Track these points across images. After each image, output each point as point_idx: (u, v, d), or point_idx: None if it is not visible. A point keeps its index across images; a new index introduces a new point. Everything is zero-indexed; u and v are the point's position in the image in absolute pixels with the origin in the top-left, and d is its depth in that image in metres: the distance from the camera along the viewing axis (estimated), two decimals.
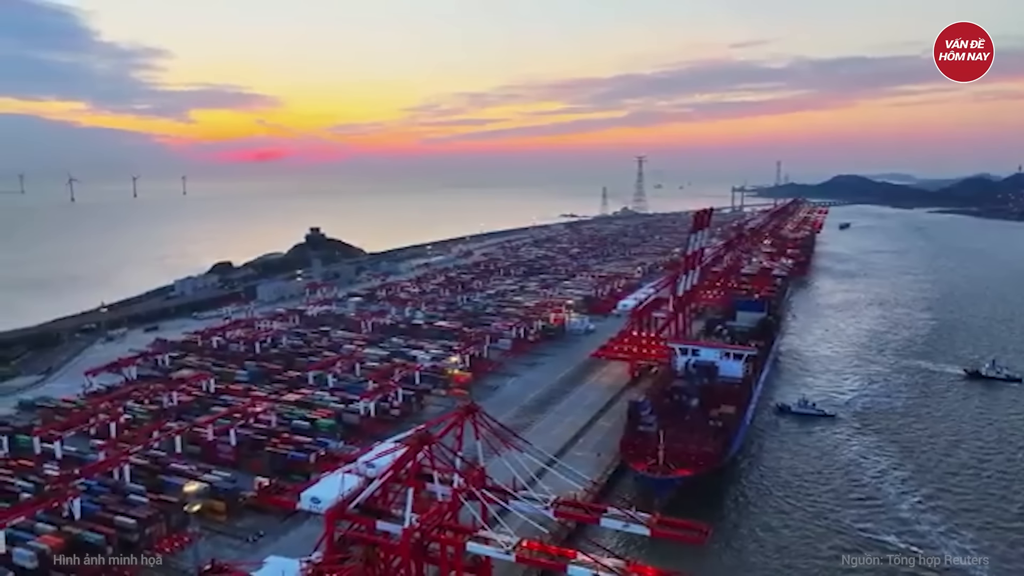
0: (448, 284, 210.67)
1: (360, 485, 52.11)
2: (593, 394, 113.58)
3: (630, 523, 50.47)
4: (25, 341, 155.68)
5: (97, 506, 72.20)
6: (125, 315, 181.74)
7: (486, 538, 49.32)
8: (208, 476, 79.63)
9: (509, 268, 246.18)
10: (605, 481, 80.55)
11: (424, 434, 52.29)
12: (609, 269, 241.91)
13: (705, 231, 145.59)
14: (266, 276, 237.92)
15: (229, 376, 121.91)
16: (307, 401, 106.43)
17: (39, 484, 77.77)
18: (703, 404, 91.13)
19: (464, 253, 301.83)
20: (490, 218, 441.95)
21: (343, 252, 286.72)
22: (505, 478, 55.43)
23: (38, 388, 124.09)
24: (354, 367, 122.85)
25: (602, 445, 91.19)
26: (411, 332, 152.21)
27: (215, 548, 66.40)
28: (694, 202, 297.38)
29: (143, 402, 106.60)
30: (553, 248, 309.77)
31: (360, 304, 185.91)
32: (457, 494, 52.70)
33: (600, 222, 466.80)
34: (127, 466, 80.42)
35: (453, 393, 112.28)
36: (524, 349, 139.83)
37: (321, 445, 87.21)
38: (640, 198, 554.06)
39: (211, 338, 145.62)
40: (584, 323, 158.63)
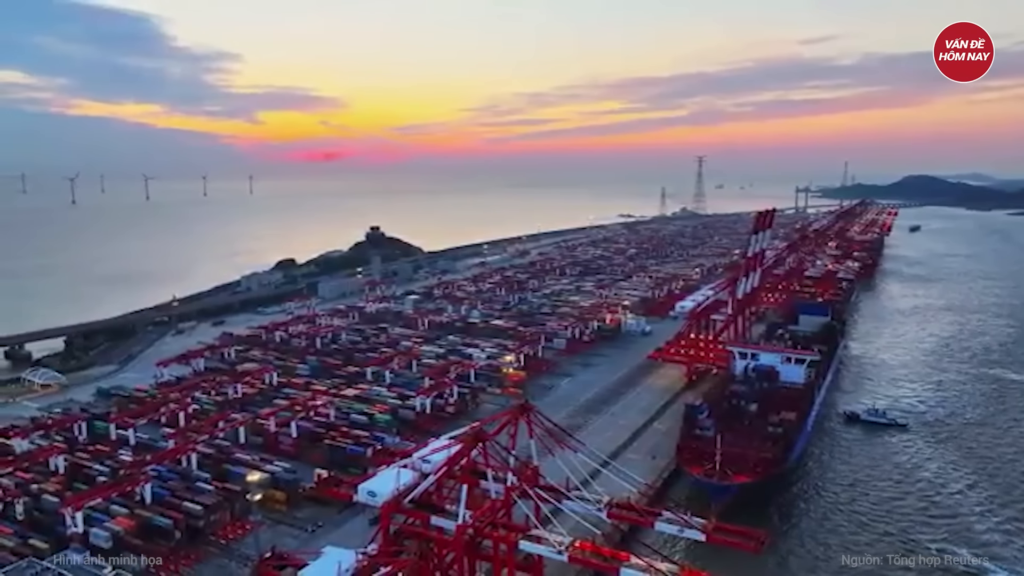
0: (504, 283, 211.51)
1: (415, 480, 52.87)
2: (648, 396, 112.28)
3: (685, 528, 49.71)
4: (103, 332, 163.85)
5: (166, 491, 75.40)
6: (194, 309, 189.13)
7: (538, 537, 49.38)
8: (270, 466, 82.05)
9: (565, 268, 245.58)
10: (660, 485, 79.49)
11: (478, 431, 52.70)
12: (667, 270, 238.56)
13: (767, 232, 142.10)
14: (327, 273, 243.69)
15: (291, 370, 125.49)
16: (365, 396, 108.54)
17: (114, 468, 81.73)
18: (762, 409, 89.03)
19: (520, 252, 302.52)
20: (547, 218, 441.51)
21: (402, 250, 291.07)
22: (558, 478, 55.34)
23: (114, 377, 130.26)
24: (411, 364, 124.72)
25: (657, 448, 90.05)
26: (467, 330, 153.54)
27: (275, 536, 68.38)
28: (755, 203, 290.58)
29: (210, 393, 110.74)
30: (610, 248, 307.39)
31: (417, 302, 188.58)
32: (510, 492, 52.90)
33: (658, 222, 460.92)
34: (194, 454, 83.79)
35: (507, 392, 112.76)
36: (579, 349, 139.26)
37: (378, 440, 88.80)
38: (699, 198, 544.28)
39: (274, 333, 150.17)
40: (640, 324, 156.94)
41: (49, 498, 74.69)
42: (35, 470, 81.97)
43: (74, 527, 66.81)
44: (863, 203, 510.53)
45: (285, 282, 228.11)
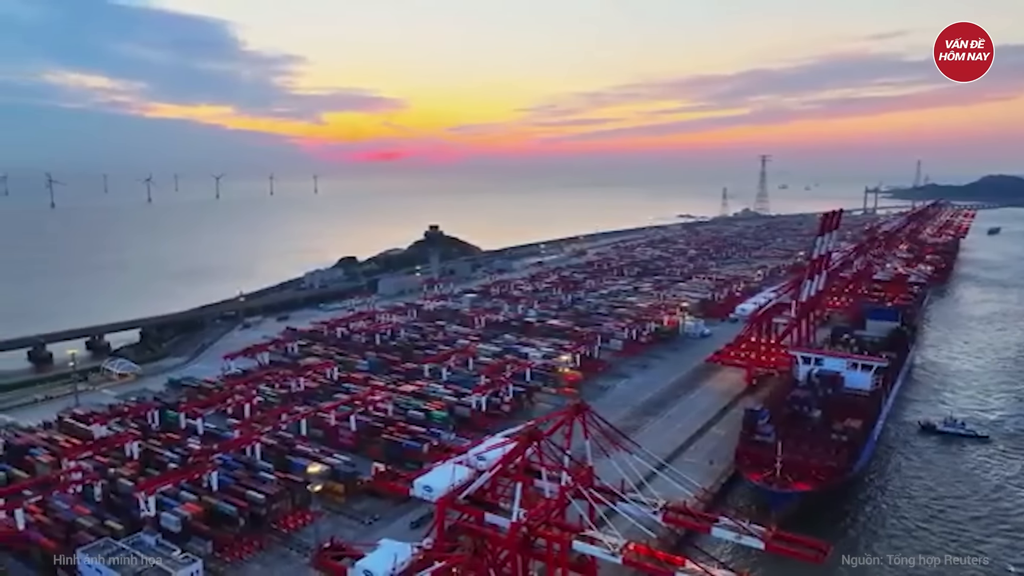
0: (561, 283, 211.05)
1: (470, 477, 53.30)
2: (707, 400, 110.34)
3: (743, 535, 48.61)
4: (175, 325, 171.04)
5: (231, 480, 78.15)
6: (260, 304, 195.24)
7: (592, 538, 49.11)
8: (329, 459, 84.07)
9: (623, 268, 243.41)
10: (717, 490, 78.15)
11: (534, 430, 52.79)
12: (727, 272, 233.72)
13: (833, 234, 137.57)
14: (387, 271, 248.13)
15: (351, 365, 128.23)
16: (422, 393, 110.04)
17: (183, 456, 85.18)
18: (826, 416, 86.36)
19: (578, 252, 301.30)
20: (605, 218, 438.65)
21: (460, 249, 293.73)
22: (613, 479, 54.94)
23: (184, 368, 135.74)
24: (467, 362, 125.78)
25: (715, 453, 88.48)
26: (523, 329, 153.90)
27: (334, 527, 70.08)
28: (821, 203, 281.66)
29: (273, 386, 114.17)
30: (669, 249, 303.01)
31: (475, 300, 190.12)
32: (564, 492, 52.77)
33: (719, 223, 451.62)
34: (258, 445, 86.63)
35: (563, 392, 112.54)
36: (636, 351, 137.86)
37: (434, 436, 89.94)
38: (762, 199, 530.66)
39: (336, 328, 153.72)
40: (699, 326, 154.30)
41: (124, 482, 78.46)
42: (112, 455, 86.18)
43: (147, 511, 70.00)
44: (937, 204, 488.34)
45: (347, 279, 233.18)
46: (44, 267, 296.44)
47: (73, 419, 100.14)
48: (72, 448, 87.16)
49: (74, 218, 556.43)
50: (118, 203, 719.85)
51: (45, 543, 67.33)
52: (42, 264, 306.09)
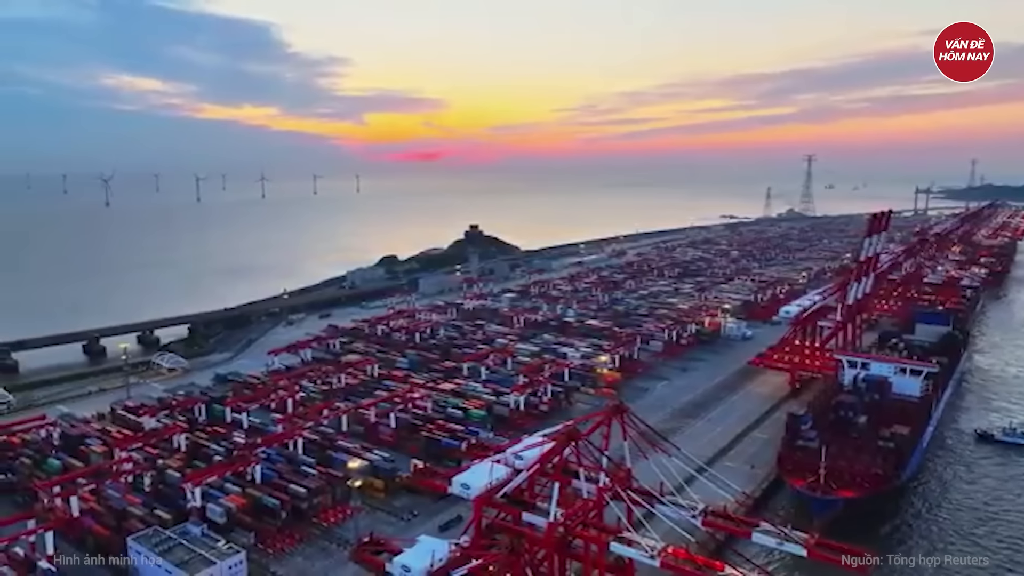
0: (600, 283, 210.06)
1: (508, 476, 53.42)
2: (748, 403, 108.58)
3: (785, 541, 47.75)
4: (221, 322, 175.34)
5: (274, 473, 79.80)
6: (303, 302, 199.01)
7: (630, 540, 48.81)
8: (370, 455, 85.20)
9: (663, 269, 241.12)
10: (758, 495, 76.83)
11: (572, 430, 52.68)
12: (771, 273, 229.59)
13: (882, 235, 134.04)
14: (427, 270, 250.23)
15: (391, 363, 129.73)
16: (461, 391, 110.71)
17: (229, 449, 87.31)
18: (872, 422, 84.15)
19: (617, 253, 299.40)
20: (645, 218, 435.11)
21: (499, 249, 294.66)
22: (652, 481, 54.50)
23: (230, 364, 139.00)
24: (506, 361, 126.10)
25: (756, 457, 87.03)
26: (562, 329, 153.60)
27: (373, 523, 70.99)
28: (869, 204, 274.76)
29: (316, 382, 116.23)
30: (711, 250, 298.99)
31: (513, 300, 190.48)
32: (602, 493, 52.58)
33: (763, 224, 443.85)
34: (300, 439, 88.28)
35: (602, 392, 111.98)
36: (676, 352, 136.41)
37: (472, 434, 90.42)
38: (807, 199, 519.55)
39: (376, 326, 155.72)
40: (741, 329, 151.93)
41: (172, 473, 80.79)
42: (161, 446, 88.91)
43: (193, 501, 71.95)
44: (993, 205, 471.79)
45: (388, 278, 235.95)
46: (99, 264, 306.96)
47: (125, 411, 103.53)
48: (123, 439, 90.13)
49: (127, 217, 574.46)
50: (169, 202, 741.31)
51: (98, 530, 69.81)
52: (97, 261, 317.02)
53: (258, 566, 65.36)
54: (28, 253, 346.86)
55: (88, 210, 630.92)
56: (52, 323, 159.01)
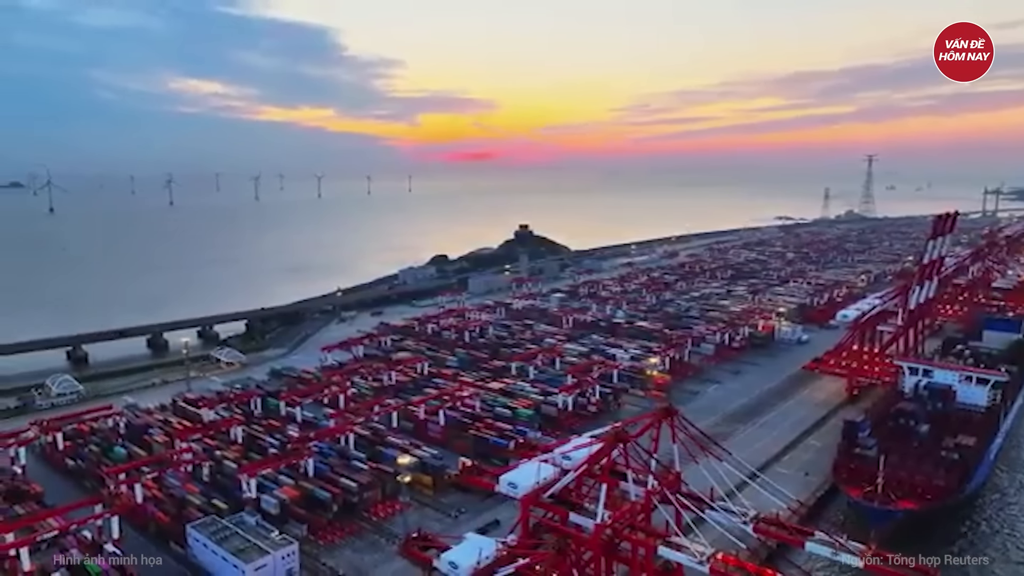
0: (651, 284, 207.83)
1: (555, 476, 53.44)
2: (803, 409, 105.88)
3: (840, 551, 46.45)
4: (277, 318, 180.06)
5: (326, 467, 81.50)
6: (356, 299, 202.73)
7: (679, 544, 48.20)
8: (419, 451, 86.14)
9: (716, 271, 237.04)
10: (812, 503, 74.75)
11: (620, 432, 52.31)
12: (828, 276, 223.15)
13: (947, 238, 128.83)
14: (477, 269, 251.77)
15: (441, 361, 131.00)
16: (509, 390, 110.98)
17: (283, 442, 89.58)
18: (935, 432, 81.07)
19: (669, 254, 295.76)
20: (698, 219, 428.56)
21: (549, 249, 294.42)
22: (701, 486, 53.74)
23: (285, 359, 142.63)
24: (554, 361, 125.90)
25: (811, 465, 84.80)
26: (611, 330, 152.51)
27: (421, 519, 71.82)
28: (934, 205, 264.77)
29: (367, 378, 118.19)
30: (765, 252, 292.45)
31: (563, 300, 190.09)
32: (650, 496, 52.10)
33: (820, 225, 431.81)
34: (352, 434, 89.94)
35: (651, 395, 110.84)
36: (728, 356, 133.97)
37: (520, 433, 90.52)
38: (867, 200, 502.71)
39: (427, 325, 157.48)
40: (796, 332, 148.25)
41: (229, 464, 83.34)
42: (219, 438, 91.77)
43: (248, 492, 74.03)
44: None
45: (438, 277, 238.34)
46: (163, 261, 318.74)
47: (185, 403, 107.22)
48: (184, 430, 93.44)
49: (190, 216, 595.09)
50: (229, 201, 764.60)
51: (160, 516, 72.54)
52: (161, 258, 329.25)
53: (310, 557, 66.85)
54: (99, 250, 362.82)
55: (154, 209, 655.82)
56: (120, 317, 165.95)
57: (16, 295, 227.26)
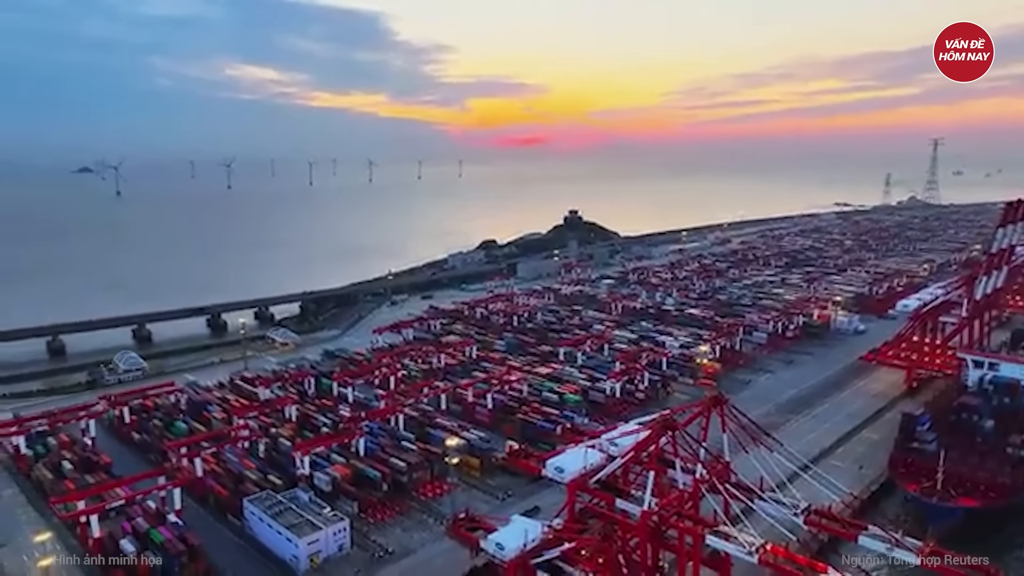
0: (702, 271, 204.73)
1: (602, 462, 53.45)
2: (859, 401, 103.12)
3: (895, 547, 45.29)
4: (330, 300, 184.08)
5: (376, 447, 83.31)
6: (406, 283, 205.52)
7: (727, 534, 47.71)
8: (467, 433, 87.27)
9: (769, 258, 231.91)
10: (867, 497, 73.02)
11: (669, 420, 51.93)
12: (888, 265, 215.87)
13: (1018, 225, 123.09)
14: (526, 254, 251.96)
15: (489, 345, 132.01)
16: (557, 375, 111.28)
17: (335, 421, 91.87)
18: (1001, 428, 77.86)
19: (721, 240, 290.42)
20: (751, 205, 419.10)
21: (598, 234, 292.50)
22: (751, 476, 52.99)
23: (338, 340, 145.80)
24: (603, 347, 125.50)
25: (866, 458, 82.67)
26: (661, 317, 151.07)
27: (469, 500, 72.81)
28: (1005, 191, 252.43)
29: (417, 361, 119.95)
30: (822, 239, 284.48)
31: (612, 286, 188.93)
32: (699, 485, 51.63)
33: (880, 212, 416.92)
34: (401, 415, 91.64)
35: (701, 383, 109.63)
36: (781, 345, 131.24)
37: (567, 418, 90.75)
38: (932, 186, 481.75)
39: (475, 309, 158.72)
40: (853, 322, 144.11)
41: (284, 441, 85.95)
42: (274, 416, 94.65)
43: (302, 469, 76.28)
44: None
45: (487, 261, 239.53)
46: (222, 243, 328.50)
47: (242, 381, 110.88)
48: (241, 407, 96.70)
49: (246, 200, 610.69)
50: (284, 186, 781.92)
51: (218, 490, 75.37)
52: (220, 240, 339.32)
53: (360, 534, 68.58)
54: (162, 233, 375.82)
55: (212, 193, 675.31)
56: (181, 297, 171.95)
57: (87, 275, 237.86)
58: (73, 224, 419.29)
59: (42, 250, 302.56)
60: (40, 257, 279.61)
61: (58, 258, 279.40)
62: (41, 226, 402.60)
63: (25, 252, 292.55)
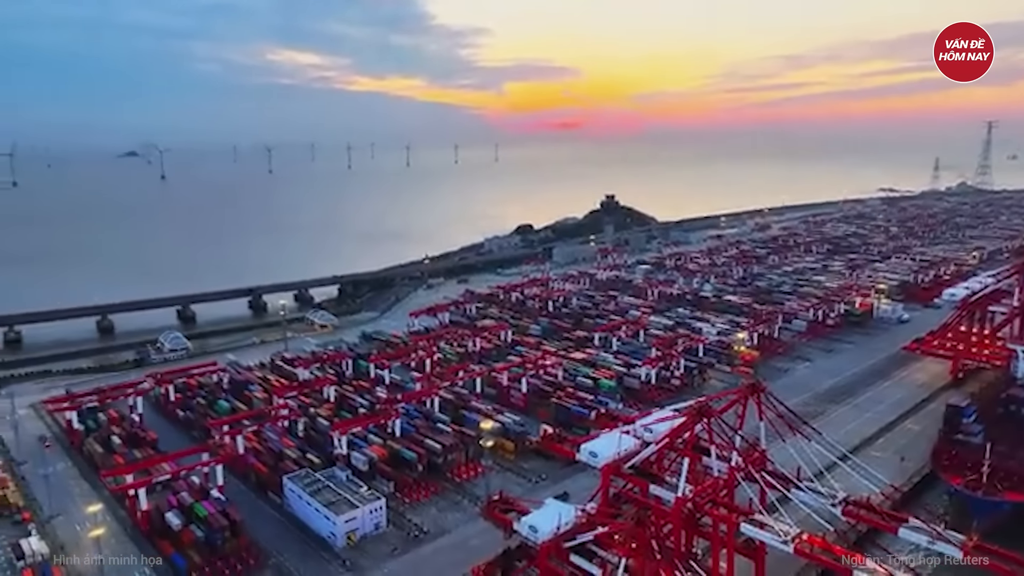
0: (741, 257, 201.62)
1: (636, 447, 53.37)
2: (901, 391, 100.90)
3: (937, 541, 44.37)
4: (368, 283, 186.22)
5: (412, 428, 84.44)
6: (442, 267, 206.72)
7: (762, 522, 47.37)
8: (501, 417, 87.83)
9: (811, 245, 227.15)
10: (908, 489, 71.56)
11: (704, 407, 51.52)
12: (935, 252, 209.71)
13: None
14: (562, 239, 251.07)
15: (524, 329, 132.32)
16: (591, 360, 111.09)
17: (372, 402, 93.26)
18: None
19: (761, 226, 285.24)
20: (793, 190, 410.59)
21: (635, 219, 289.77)
22: (788, 465, 52.42)
23: (375, 323, 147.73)
24: (638, 333, 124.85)
25: (907, 449, 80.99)
26: (698, 304, 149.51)
27: (503, 482, 73.29)
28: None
29: (452, 344, 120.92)
30: (866, 226, 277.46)
31: (648, 272, 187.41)
32: (734, 472, 51.26)
33: (928, 198, 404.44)
34: (437, 398, 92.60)
35: (737, 371, 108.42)
36: (821, 333, 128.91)
37: (601, 404, 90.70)
38: (984, 171, 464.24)
39: (511, 293, 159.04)
40: (897, 311, 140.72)
41: (322, 421, 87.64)
42: (312, 396, 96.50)
43: (339, 449, 77.75)
44: None
45: (523, 246, 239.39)
46: (263, 226, 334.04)
47: (282, 362, 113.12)
48: (281, 387, 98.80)
49: (287, 183, 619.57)
50: (323, 169, 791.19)
51: (259, 467, 77.31)
52: (261, 223, 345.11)
53: (396, 513, 69.79)
54: (206, 216, 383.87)
55: (254, 177, 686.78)
56: (223, 279, 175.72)
57: (134, 257, 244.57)
58: (121, 207, 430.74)
59: (92, 232, 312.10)
60: (90, 238, 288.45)
61: (107, 240, 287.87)
62: (91, 208, 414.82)
63: (76, 234, 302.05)
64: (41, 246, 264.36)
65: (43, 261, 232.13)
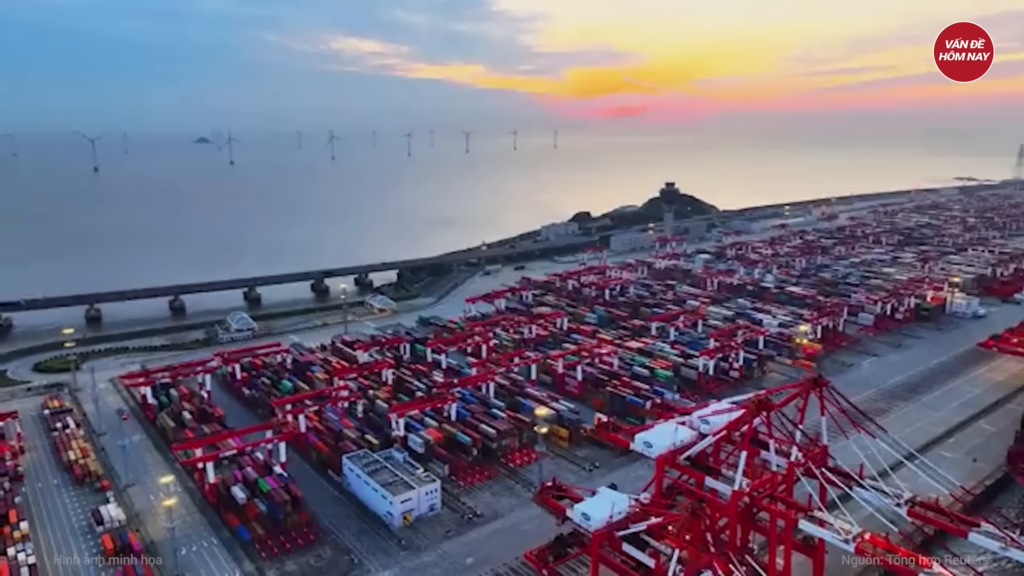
0: (805, 248, 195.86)
1: (692, 439, 52.71)
2: (974, 390, 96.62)
3: (1010, 547, 42.42)
4: (426, 269, 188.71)
5: (467, 413, 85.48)
6: (499, 253, 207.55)
7: (822, 520, 46.18)
8: (556, 404, 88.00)
9: (880, 235, 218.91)
10: (980, 492, 68.78)
11: (763, 400, 50.38)
12: (1015, 245, 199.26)
13: None
14: (620, 227, 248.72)
15: (580, 317, 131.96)
16: (648, 350, 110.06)
17: (428, 386, 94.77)
18: None
19: (827, 216, 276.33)
20: (863, 178, 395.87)
21: (695, 208, 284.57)
22: (851, 462, 50.92)
23: (432, 308, 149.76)
24: (696, 323, 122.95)
25: (980, 450, 77.70)
26: (759, 295, 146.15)
27: (556, 469, 73.81)
28: None
29: (508, 331, 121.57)
30: (940, 216, 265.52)
31: (708, 261, 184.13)
32: (793, 468, 50.09)
33: (1011, 188, 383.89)
34: (492, 384, 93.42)
35: (799, 364, 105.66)
36: (889, 327, 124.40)
37: (657, 394, 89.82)
38: None
39: (567, 280, 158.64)
40: (972, 306, 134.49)
41: (380, 403, 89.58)
42: (371, 379, 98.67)
43: (397, 430, 79.43)
44: None
45: (580, 233, 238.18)
46: (326, 212, 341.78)
47: (343, 344, 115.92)
48: (341, 369, 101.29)
49: (349, 170, 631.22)
50: (383, 157, 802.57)
51: (320, 446, 79.70)
52: (324, 209, 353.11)
53: (450, 495, 70.97)
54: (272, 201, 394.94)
55: (317, 164, 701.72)
56: (287, 262, 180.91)
57: (204, 240, 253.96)
58: (193, 191, 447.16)
59: (165, 216, 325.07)
60: (163, 222, 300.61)
61: (179, 223, 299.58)
62: (164, 193, 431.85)
63: (150, 217, 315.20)
64: (119, 229, 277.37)
65: (121, 243, 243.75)
